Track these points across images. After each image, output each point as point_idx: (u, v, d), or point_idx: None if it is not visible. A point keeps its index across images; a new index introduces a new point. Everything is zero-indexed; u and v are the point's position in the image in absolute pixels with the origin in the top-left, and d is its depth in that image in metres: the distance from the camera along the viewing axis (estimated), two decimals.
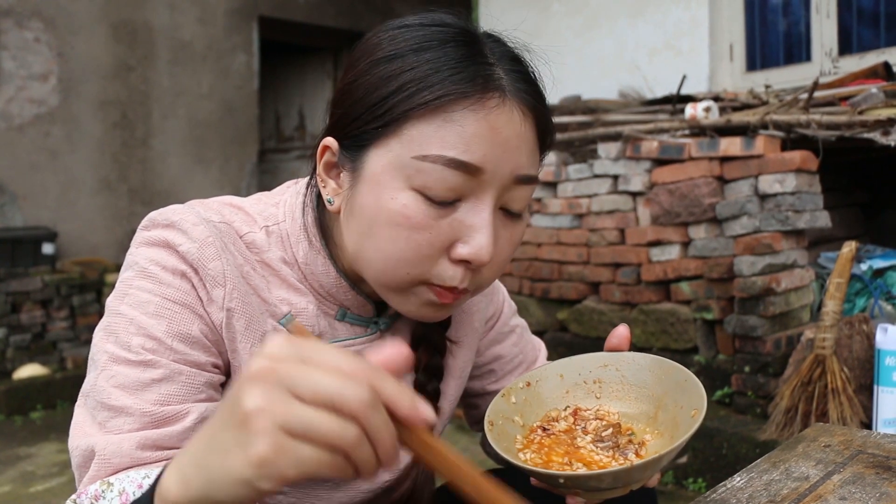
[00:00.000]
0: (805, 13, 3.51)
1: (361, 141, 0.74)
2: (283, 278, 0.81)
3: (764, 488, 0.86)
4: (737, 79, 3.64)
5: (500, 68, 0.73)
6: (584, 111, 3.54)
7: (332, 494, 0.89)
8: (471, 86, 0.70)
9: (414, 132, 0.71)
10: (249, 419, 0.46)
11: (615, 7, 3.91)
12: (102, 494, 0.66)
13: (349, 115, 0.75)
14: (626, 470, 0.67)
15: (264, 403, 0.46)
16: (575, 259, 3.28)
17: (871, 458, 0.93)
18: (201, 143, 5.40)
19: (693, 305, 2.85)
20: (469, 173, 0.70)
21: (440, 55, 0.72)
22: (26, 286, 4.21)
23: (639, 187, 3.03)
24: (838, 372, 2.28)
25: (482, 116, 0.70)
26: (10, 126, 4.58)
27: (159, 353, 0.72)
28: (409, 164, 0.71)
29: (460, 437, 3.06)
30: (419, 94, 0.70)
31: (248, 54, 5.61)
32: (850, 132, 2.59)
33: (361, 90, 0.74)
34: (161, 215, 0.77)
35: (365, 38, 0.78)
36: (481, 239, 0.72)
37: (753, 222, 2.71)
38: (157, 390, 0.71)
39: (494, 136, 0.71)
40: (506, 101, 0.72)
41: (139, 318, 0.72)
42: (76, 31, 4.83)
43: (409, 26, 0.76)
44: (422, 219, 0.71)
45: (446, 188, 0.71)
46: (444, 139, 0.70)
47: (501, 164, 0.72)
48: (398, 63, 0.72)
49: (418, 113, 0.70)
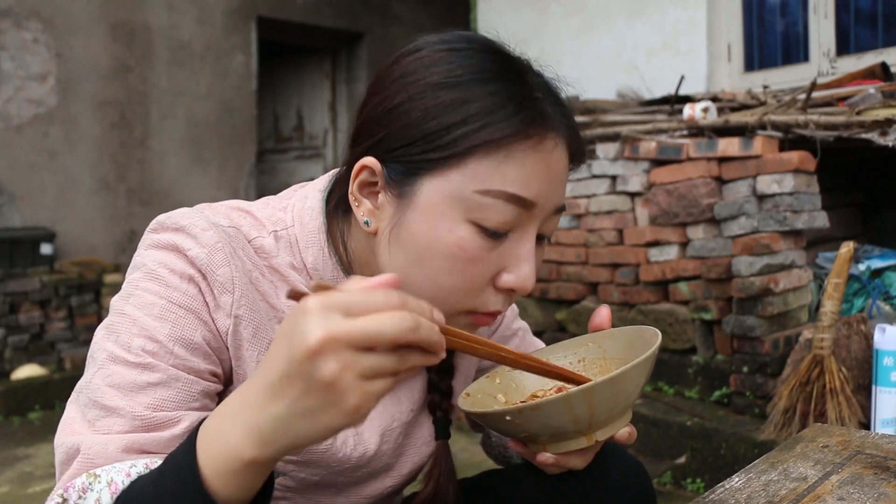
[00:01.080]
0: (803, 13, 3.51)
1: (415, 167, 0.73)
2: (291, 284, 0.80)
3: (762, 489, 0.86)
4: (735, 79, 3.65)
5: (549, 105, 0.75)
6: (582, 111, 3.54)
7: (333, 500, 0.88)
8: (532, 126, 0.72)
9: (478, 166, 0.72)
10: (335, 384, 0.51)
11: (613, 7, 3.92)
12: (90, 486, 0.65)
13: (400, 138, 0.74)
14: (566, 396, 0.68)
15: (340, 367, 0.51)
16: (573, 259, 3.28)
17: (870, 458, 0.93)
18: (200, 144, 5.40)
19: (691, 306, 2.86)
20: (524, 208, 0.73)
21: (501, 89, 0.73)
22: (24, 286, 4.21)
23: (637, 188, 3.03)
24: (836, 372, 2.28)
25: (542, 157, 0.73)
26: (9, 126, 4.58)
27: (159, 356, 0.71)
28: (469, 197, 0.72)
29: (459, 438, 3.06)
30: (485, 130, 0.71)
31: (247, 55, 5.61)
32: (847, 132, 2.59)
33: (417, 114, 0.73)
34: (170, 219, 0.77)
35: (407, 54, 0.77)
36: (527, 269, 0.75)
37: (751, 223, 2.71)
38: (151, 394, 0.70)
39: (548, 172, 0.74)
40: (558, 141, 0.75)
41: (143, 319, 0.72)
42: (74, 32, 4.83)
43: (458, 50, 0.75)
44: (477, 251, 0.73)
45: (502, 221, 0.73)
46: (506, 175, 0.72)
47: (550, 198, 0.75)
48: (460, 92, 0.72)
49: (482, 149, 0.71)
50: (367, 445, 0.85)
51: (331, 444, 0.82)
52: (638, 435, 2.76)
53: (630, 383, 0.71)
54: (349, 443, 0.84)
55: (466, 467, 2.70)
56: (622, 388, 0.70)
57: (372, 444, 0.86)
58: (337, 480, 0.86)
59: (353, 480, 0.88)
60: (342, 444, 0.83)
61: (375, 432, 0.86)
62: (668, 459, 2.64)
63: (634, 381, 0.71)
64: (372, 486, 0.90)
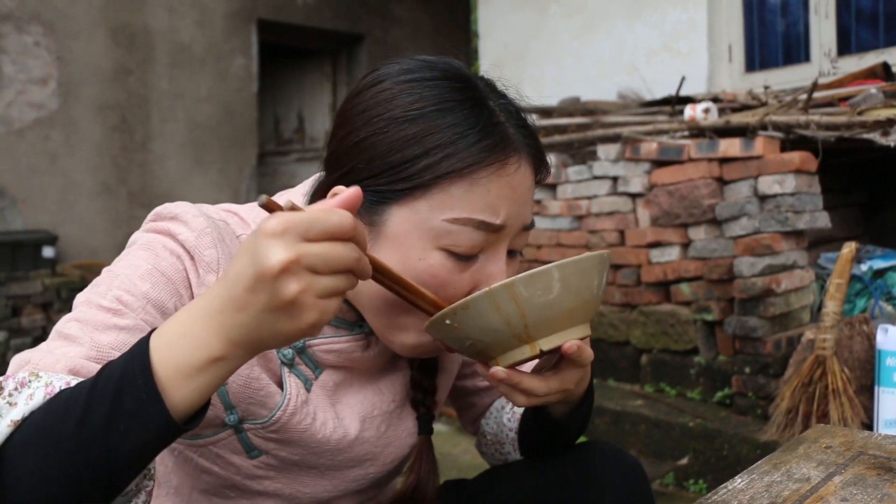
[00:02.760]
0: (804, 14, 3.51)
1: (382, 197, 0.77)
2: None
3: (765, 490, 0.86)
4: (736, 80, 3.65)
5: (510, 127, 0.78)
6: (583, 113, 3.54)
7: (317, 482, 0.91)
8: (494, 153, 0.75)
9: (443, 196, 0.75)
10: (295, 301, 0.58)
11: (613, 8, 3.92)
12: (28, 383, 0.64)
13: (367, 170, 0.77)
14: (489, 290, 0.69)
15: (300, 287, 0.58)
16: None
17: (873, 459, 0.93)
18: (200, 147, 5.40)
19: (693, 307, 2.85)
20: (493, 231, 0.76)
21: (461, 119, 0.75)
22: (26, 290, 4.21)
23: (638, 189, 3.03)
24: (839, 373, 2.28)
25: (506, 181, 0.76)
26: (10, 130, 4.59)
27: (132, 307, 0.74)
28: (438, 225, 0.75)
29: (461, 440, 3.06)
30: (448, 161, 0.74)
31: (247, 57, 5.61)
32: (849, 133, 2.59)
33: (382, 147, 0.76)
34: (166, 209, 0.82)
35: (370, 86, 0.80)
36: None
37: (753, 223, 2.70)
38: (115, 335, 0.72)
39: (514, 195, 0.77)
40: (521, 162, 0.78)
41: (126, 275, 0.76)
42: (75, 35, 4.83)
43: (419, 80, 0.78)
44: (448, 276, 0.76)
45: (471, 246, 0.76)
46: (473, 203, 0.75)
47: (517, 218, 0.78)
48: (422, 124, 0.75)
49: (447, 179, 0.74)
50: (347, 430, 0.88)
51: (310, 424, 0.85)
52: (640, 436, 2.75)
53: (561, 285, 0.70)
54: (329, 425, 0.87)
55: (468, 469, 2.69)
56: (550, 288, 0.70)
57: (352, 430, 0.89)
58: (318, 462, 0.89)
59: (336, 464, 0.90)
60: (321, 426, 0.86)
61: (355, 418, 0.90)
62: (671, 460, 2.64)
63: (567, 284, 0.71)
64: (355, 472, 0.93)
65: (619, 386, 3.08)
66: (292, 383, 0.85)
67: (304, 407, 0.85)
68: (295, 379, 0.85)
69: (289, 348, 0.85)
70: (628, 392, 2.99)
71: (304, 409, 0.85)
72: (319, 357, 0.87)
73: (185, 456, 0.88)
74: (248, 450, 0.85)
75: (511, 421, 1.02)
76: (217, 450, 0.85)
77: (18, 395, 0.64)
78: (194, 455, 0.87)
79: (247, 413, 0.83)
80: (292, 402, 0.84)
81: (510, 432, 1.02)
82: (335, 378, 0.89)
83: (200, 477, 0.88)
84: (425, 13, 6.68)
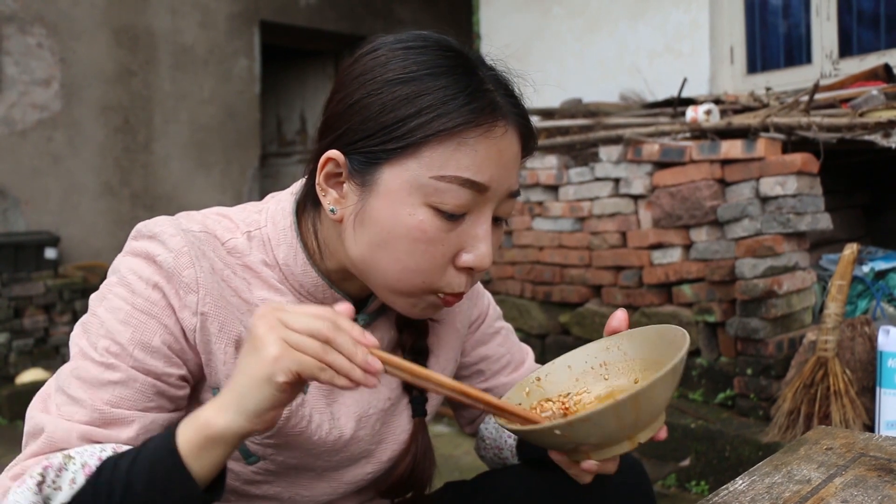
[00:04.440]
0: (805, 15, 3.51)
1: (375, 157, 0.79)
2: (264, 279, 0.87)
3: (766, 491, 0.86)
4: (737, 81, 3.65)
5: (499, 96, 0.81)
6: (585, 114, 3.55)
7: (315, 484, 0.92)
8: (482, 115, 0.78)
9: (432, 154, 0.78)
10: (262, 338, 0.68)
11: (615, 10, 3.92)
12: (65, 466, 0.72)
13: (361, 131, 0.79)
14: (616, 405, 0.68)
15: (269, 328, 0.68)
16: (577, 262, 3.29)
17: (873, 460, 0.93)
18: (203, 148, 5.41)
19: (695, 308, 2.85)
20: (478, 191, 0.79)
21: (452, 82, 0.78)
22: (29, 291, 4.22)
23: (640, 190, 3.03)
24: (840, 374, 2.28)
25: (492, 143, 0.79)
26: (13, 131, 4.60)
27: (121, 357, 0.79)
28: (426, 182, 0.78)
29: (462, 441, 3.06)
30: (438, 121, 0.77)
31: (250, 59, 5.62)
32: (850, 134, 2.59)
33: (375, 108, 0.79)
34: (146, 226, 0.85)
35: (366, 54, 0.83)
36: (484, 248, 0.81)
37: (755, 225, 2.71)
38: (111, 391, 0.78)
39: (500, 158, 0.80)
40: (508, 128, 0.81)
41: (109, 322, 0.80)
42: (78, 37, 4.84)
43: (413, 48, 0.81)
44: (436, 233, 0.79)
45: (458, 204, 0.78)
46: (460, 161, 0.78)
47: (502, 182, 0.81)
48: (414, 86, 0.78)
49: (436, 138, 0.77)
50: (343, 430, 0.90)
51: (305, 427, 0.87)
52: None
53: (671, 383, 0.72)
54: (324, 426, 0.88)
55: (470, 470, 2.70)
56: (665, 388, 0.71)
57: (348, 429, 0.90)
58: (315, 464, 0.90)
59: (332, 465, 0.92)
60: (317, 428, 0.88)
61: (351, 418, 0.91)
62: (673, 462, 2.64)
63: (673, 381, 0.72)
64: (352, 471, 0.94)
65: None
66: None
67: (299, 410, 0.86)
68: None
69: None
70: None
71: (300, 412, 0.86)
72: None
73: None
74: (247, 456, 0.87)
75: None
76: None
77: (61, 479, 0.71)
78: None
79: None
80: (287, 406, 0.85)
81: (509, 438, 1.03)
82: None
83: None
84: (427, 14, 6.69)
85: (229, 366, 0.83)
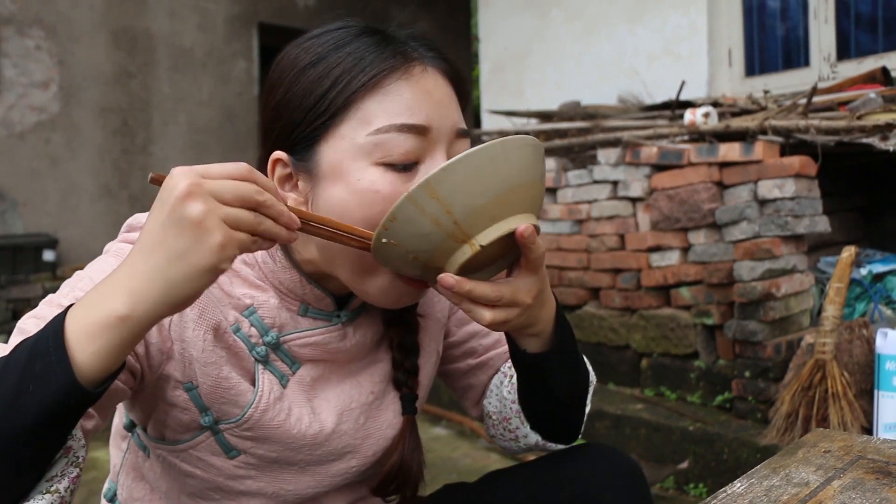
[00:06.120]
0: (803, 18, 3.52)
1: (310, 141, 0.80)
2: (244, 278, 0.87)
3: (764, 494, 0.86)
4: (735, 84, 3.65)
5: (409, 45, 0.82)
6: (583, 117, 3.55)
7: (298, 478, 0.92)
8: (394, 60, 0.79)
9: (360, 113, 0.78)
10: (201, 222, 0.61)
11: (614, 13, 3.92)
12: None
13: (290, 124, 0.81)
14: (408, 194, 0.68)
15: (207, 209, 0.62)
16: (575, 265, 3.29)
17: (872, 463, 0.94)
18: (202, 150, 5.41)
19: (693, 311, 2.86)
20: (419, 133, 0.78)
21: (358, 46, 0.80)
22: (27, 293, 4.22)
23: (638, 193, 3.04)
24: (838, 377, 2.28)
25: (414, 83, 0.79)
26: (11, 133, 4.59)
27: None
28: (365, 142, 0.77)
29: (461, 444, 3.06)
30: (354, 80, 0.78)
31: (248, 61, 5.63)
32: (848, 137, 2.59)
33: (297, 98, 0.80)
34: (136, 219, 0.87)
35: (278, 60, 0.85)
36: None
37: (753, 227, 2.71)
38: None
39: (429, 97, 0.80)
40: (427, 68, 0.82)
41: (90, 277, 0.80)
42: (77, 39, 4.84)
43: (316, 35, 0.84)
44: (391, 189, 0.77)
45: (403, 152, 0.78)
46: (389, 110, 0.78)
47: (443, 121, 0.80)
48: (323, 64, 0.80)
49: (358, 96, 0.78)
50: (324, 424, 0.89)
51: (283, 420, 0.86)
52: (640, 440, 2.75)
53: (478, 173, 0.68)
54: (304, 420, 0.88)
55: (468, 473, 2.70)
56: (468, 177, 0.68)
57: (329, 423, 0.90)
58: (297, 458, 0.90)
59: (315, 459, 0.91)
60: (296, 421, 0.87)
61: (332, 412, 0.90)
62: (671, 464, 2.64)
63: (485, 171, 0.69)
64: (336, 466, 0.93)
65: (620, 390, 3.08)
66: (265, 380, 0.86)
67: (277, 403, 0.86)
68: (269, 376, 0.86)
69: (262, 345, 0.86)
70: (628, 396, 2.99)
71: (278, 406, 0.86)
72: (296, 352, 0.88)
73: (169, 462, 0.89)
74: (227, 450, 0.86)
75: (511, 393, 1.01)
76: (197, 453, 0.86)
77: None
78: (177, 460, 0.88)
79: (221, 413, 0.84)
80: (264, 399, 0.85)
81: (512, 405, 1.01)
82: (313, 373, 0.90)
83: (185, 481, 0.90)
84: (426, 17, 6.69)
85: (208, 353, 0.82)
